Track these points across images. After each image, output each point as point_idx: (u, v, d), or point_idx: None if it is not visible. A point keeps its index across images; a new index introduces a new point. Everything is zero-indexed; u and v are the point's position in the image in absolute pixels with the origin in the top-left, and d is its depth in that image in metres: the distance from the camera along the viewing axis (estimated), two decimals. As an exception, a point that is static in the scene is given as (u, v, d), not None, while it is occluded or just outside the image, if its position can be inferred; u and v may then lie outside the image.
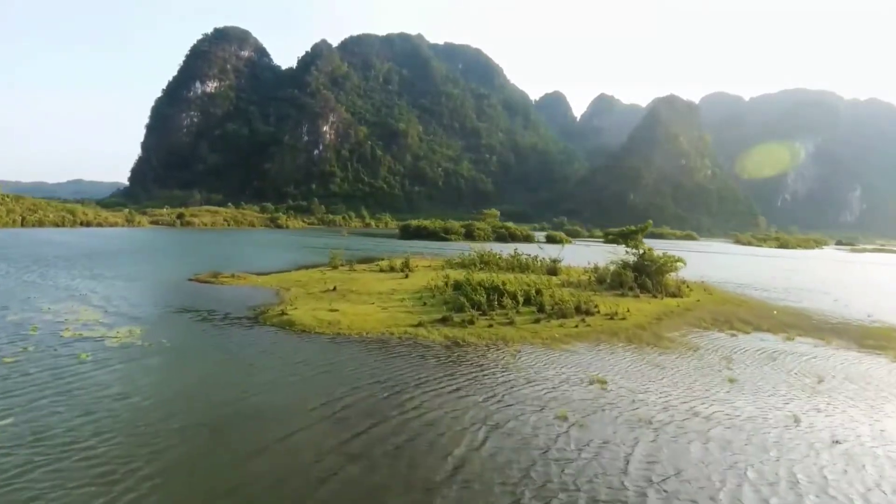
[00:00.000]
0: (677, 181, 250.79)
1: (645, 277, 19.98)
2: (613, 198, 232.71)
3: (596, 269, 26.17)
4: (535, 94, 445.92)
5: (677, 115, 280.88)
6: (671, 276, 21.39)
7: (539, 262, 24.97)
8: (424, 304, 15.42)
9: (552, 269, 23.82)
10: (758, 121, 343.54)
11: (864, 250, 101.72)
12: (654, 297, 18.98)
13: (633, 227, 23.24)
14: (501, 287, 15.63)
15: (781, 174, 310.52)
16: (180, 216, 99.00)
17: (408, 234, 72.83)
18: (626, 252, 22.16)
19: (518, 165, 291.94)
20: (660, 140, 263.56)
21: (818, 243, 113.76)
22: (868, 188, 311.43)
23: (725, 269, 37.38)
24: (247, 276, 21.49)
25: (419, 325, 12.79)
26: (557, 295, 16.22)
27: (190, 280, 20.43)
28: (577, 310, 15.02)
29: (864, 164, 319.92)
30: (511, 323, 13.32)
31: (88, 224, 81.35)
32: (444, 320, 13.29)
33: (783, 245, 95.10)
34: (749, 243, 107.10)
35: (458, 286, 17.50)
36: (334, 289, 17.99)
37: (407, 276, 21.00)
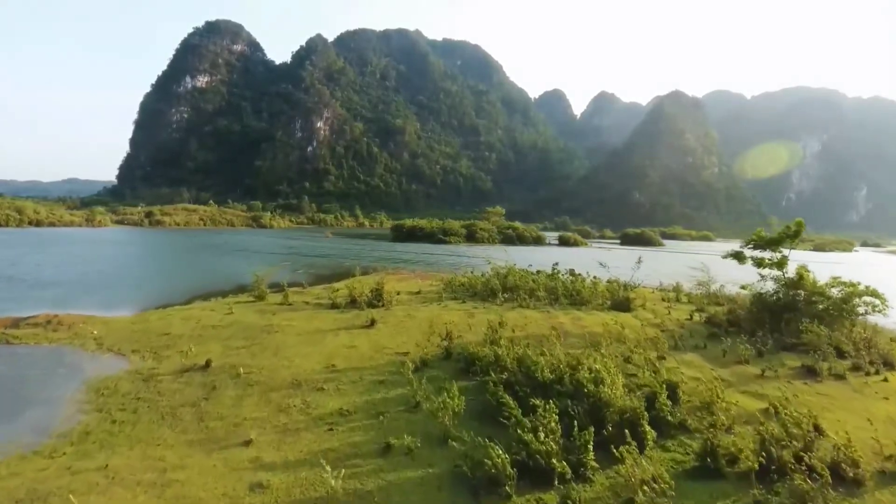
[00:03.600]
0: (684, 179, 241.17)
1: (833, 331, 10.41)
2: (617, 196, 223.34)
3: (677, 295, 16.72)
4: (534, 92, 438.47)
5: (683, 111, 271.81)
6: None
7: (592, 286, 15.33)
8: (389, 444, 5.76)
9: (621, 303, 14.13)
10: (760, 119, 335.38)
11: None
12: (866, 373, 9.44)
13: (763, 234, 13.45)
14: (597, 394, 6.00)
15: (785, 173, 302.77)
16: (149, 215, 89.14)
17: (401, 235, 63.25)
18: (762, 276, 12.65)
19: (517, 164, 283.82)
20: (665, 137, 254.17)
21: (850, 245, 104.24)
22: (873, 187, 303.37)
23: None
24: (86, 318, 11.90)
25: None
26: (706, 394, 6.76)
27: (-34, 331, 10.85)
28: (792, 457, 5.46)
29: (870, 163, 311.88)
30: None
31: (39, 223, 71.75)
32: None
33: (819, 248, 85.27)
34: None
35: (473, 365, 7.99)
36: (207, 364, 8.39)
37: (372, 325, 11.17)
